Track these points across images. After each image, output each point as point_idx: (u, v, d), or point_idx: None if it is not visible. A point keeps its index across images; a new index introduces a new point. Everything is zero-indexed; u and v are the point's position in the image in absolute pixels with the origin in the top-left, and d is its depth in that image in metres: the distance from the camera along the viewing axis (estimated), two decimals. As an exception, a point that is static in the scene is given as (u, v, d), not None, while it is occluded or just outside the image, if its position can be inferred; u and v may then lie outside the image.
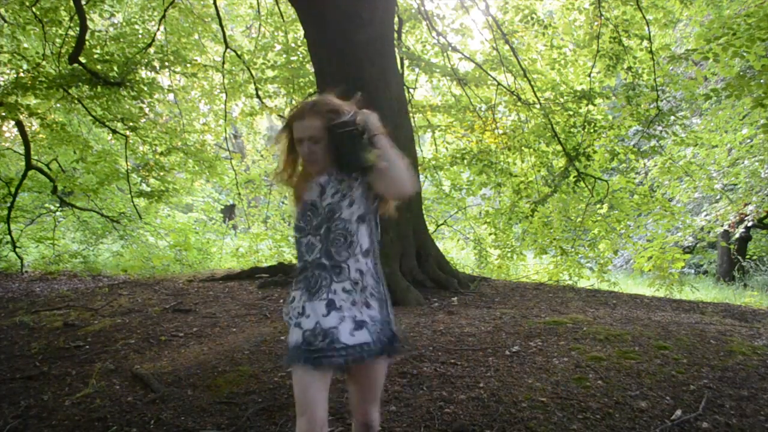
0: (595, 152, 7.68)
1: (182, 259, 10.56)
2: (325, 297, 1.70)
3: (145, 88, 8.10)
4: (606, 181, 7.99)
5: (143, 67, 8.14)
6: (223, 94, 10.41)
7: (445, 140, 10.00)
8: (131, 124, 8.59)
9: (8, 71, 8.91)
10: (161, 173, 9.30)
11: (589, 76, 8.10)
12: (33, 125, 9.66)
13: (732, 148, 10.40)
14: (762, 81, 5.82)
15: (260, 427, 2.62)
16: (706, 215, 10.85)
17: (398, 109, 6.00)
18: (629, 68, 7.68)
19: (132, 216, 10.51)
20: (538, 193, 8.24)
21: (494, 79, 8.29)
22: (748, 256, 12.57)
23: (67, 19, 8.51)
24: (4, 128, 10.93)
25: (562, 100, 7.99)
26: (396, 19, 7.44)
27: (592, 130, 7.68)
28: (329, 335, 1.65)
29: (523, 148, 8.32)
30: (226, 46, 9.04)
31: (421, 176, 7.73)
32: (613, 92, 8.26)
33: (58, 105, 8.99)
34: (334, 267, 1.72)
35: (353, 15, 5.59)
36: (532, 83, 7.90)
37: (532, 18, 8.23)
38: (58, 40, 8.67)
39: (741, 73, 6.68)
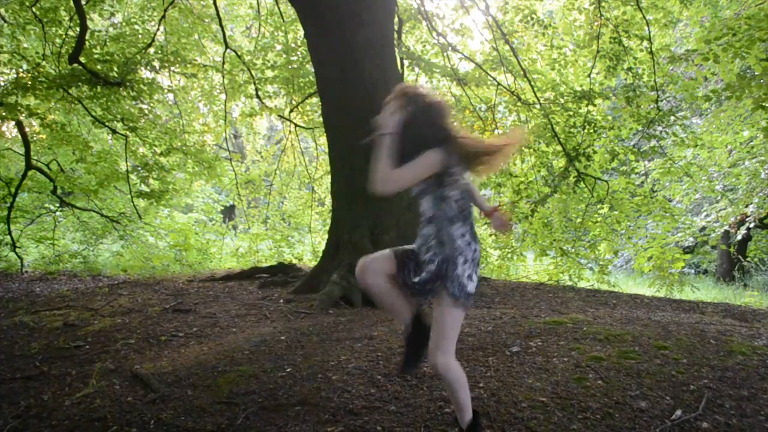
0: (595, 152, 7.68)
1: (182, 260, 10.56)
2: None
3: (145, 89, 8.10)
4: (606, 181, 7.98)
5: (143, 67, 8.14)
6: (223, 95, 10.41)
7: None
8: (131, 124, 8.58)
9: (8, 71, 8.90)
10: (161, 174, 9.30)
11: (589, 76, 8.10)
12: (33, 125, 9.66)
13: (733, 149, 10.40)
14: (762, 82, 5.82)
15: (260, 428, 2.62)
16: (706, 215, 10.84)
17: (398, 109, 5.99)
18: (629, 69, 7.68)
19: (132, 216, 10.50)
20: (538, 193, 8.24)
21: (494, 79, 8.29)
22: (748, 257, 12.57)
23: (67, 19, 8.50)
24: (4, 128, 10.92)
25: (562, 100, 7.99)
26: (396, 19, 7.44)
27: (592, 131, 7.68)
28: None
29: (523, 148, 8.32)
30: (226, 47, 9.04)
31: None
32: (613, 93, 8.25)
33: (58, 105, 8.99)
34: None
35: (353, 15, 5.60)
36: (532, 83, 7.90)
37: (532, 18, 8.23)
38: (58, 40, 8.67)
39: (741, 74, 6.67)
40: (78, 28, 7.36)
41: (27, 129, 9.19)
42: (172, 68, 8.97)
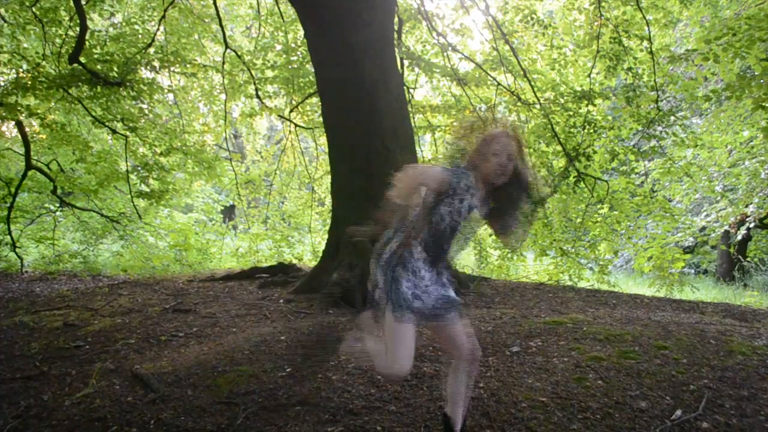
0: (595, 152, 7.67)
1: (182, 260, 10.56)
2: None
3: (145, 88, 8.10)
4: (606, 181, 7.98)
5: (143, 67, 8.14)
6: (223, 95, 10.41)
7: (445, 140, 10.00)
8: (131, 124, 8.58)
9: (8, 71, 8.90)
10: (161, 174, 9.30)
11: (589, 76, 8.10)
12: (33, 125, 9.66)
13: (733, 149, 10.39)
14: (762, 82, 5.82)
15: (260, 428, 2.62)
16: (706, 215, 10.84)
17: (398, 109, 6.00)
18: (629, 69, 7.68)
19: (132, 216, 10.50)
20: (538, 193, 8.21)
21: (494, 79, 8.29)
22: (748, 257, 12.56)
23: (67, 19, 8.50)
24: (4, 128, 10.93)
25: (562, 100, 7.99)
26: (396, 19, 7.44)
27: (592, 131, 7.67)
28: None
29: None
30: (226, 47, 9.04)
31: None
32: (613, 93, 8.26)
33: (58, 105, 8.99)
34: None
35: (353, 16, 5.59)
36: (532, 83, 7.90)
37: (532, 18, 8.24)
38: (58, 40, 8.67)
39: (741, 74, 6.67)
40: (78, 28, 7.36)
41: (27, 129, 9.19)
42: (172, 68, 8.97)
